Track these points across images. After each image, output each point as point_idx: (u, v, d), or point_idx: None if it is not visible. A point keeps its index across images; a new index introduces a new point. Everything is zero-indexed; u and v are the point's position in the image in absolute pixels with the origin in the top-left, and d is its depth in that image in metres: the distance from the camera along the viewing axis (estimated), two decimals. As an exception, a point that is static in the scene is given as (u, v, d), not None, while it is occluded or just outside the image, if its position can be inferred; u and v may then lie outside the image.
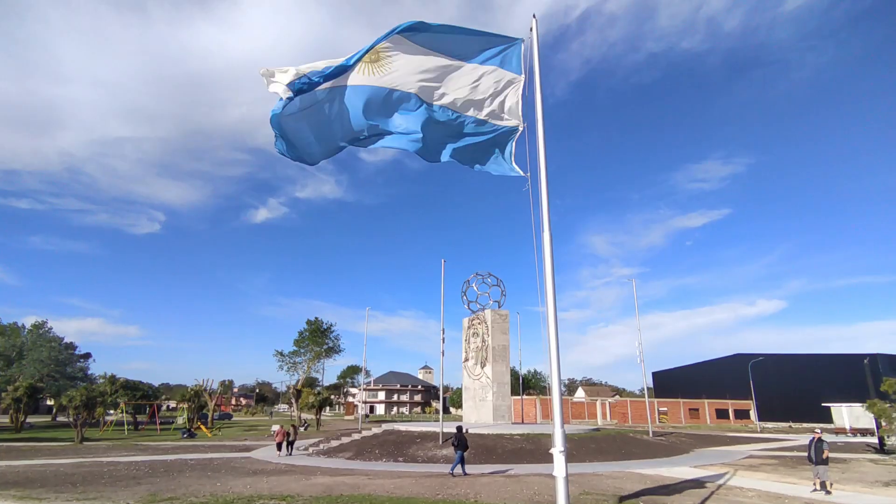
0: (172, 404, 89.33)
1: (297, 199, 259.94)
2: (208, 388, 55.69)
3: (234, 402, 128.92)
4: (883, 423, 27.72)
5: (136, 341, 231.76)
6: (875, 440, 29.13)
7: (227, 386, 74.83)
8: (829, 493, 13.84)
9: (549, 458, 6.42)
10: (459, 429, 18.00)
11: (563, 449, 6.30)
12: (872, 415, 29.90)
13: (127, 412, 51.89)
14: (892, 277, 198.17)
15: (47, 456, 24.55)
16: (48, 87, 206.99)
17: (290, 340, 72.64)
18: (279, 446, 25.87)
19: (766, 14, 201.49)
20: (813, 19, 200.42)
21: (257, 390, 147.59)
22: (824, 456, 14.20)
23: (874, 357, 67.17)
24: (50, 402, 75.72)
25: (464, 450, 17.35)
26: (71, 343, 67.51)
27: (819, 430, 15.19)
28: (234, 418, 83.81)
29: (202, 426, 48.48)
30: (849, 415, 53.11)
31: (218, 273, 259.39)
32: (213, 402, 55.87)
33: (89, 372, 68.45)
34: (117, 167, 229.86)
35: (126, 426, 48.79)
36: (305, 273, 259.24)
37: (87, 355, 71.01)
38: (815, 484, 14.34)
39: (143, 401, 55.78)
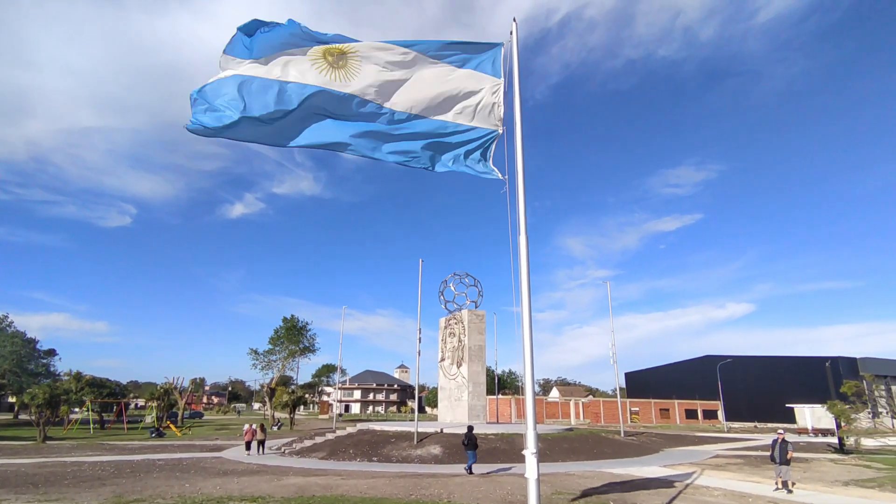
0: (141, 403, 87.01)
1: (274, 195, 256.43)
2: (179, 386, 54.49)
3: (205, 400, 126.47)
4: (842, 424, 28.76)
5: (103, 337, 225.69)
6: (835, 440, 30.20)
7: (198, 384, 73.33)
8: (790, 492, 14.32)
9: (523, 458, 6.50)
10: (470, 429, 18.42)
11: (535, 451, 6.37)
12: (833, 415, 31.00)
13: (93, 410, 50.40)
14: (853, 283, 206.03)
15: (8, 455, 23.70)
16: (15, 73, 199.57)
17: (265, 338, 71.56)
18: (248, 445, 25.52)
19: (740, 25, 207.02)
20: (784, 32, 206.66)
21: (230, 388, 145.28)
22: (788, 456, 14.68)
23: (835, 360, 69.58)
24: (12, 400, 73.08)
25: (474, 449, 17.77)
26: (33, 339, 65.23)
27: (782, 431, 15.71)
28: (205, 417, 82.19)
29: (171, 425, 47.39)
30: (811, 415, 54.93)
31: (191, 269, 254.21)
32: (184, 400, 54.67)
33: (53, 369, 66.33)
34: (87, 158, 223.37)
35: (92, 425, 47.32)
36: (281, 270, 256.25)
37: (52, 352, 68.72)
38: (777, 483, 14.81)
39: (110, 399, 54.25)
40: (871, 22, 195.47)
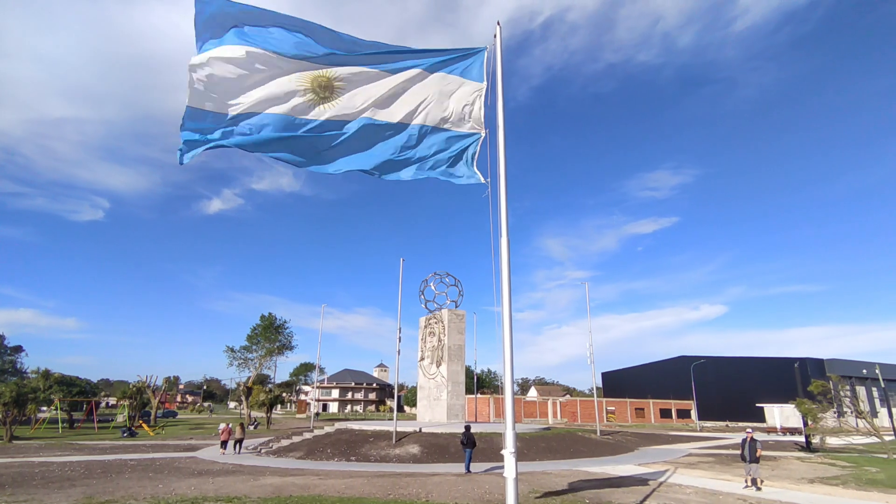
0: (112, 401, 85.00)
1: (253, 191, 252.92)
2: (152, 385, 53.36)
3: (179, 399, 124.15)
4: (809, 423, 29.66)
5: (73, 334, 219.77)
6: (803, 439, 31.13)
7: (172, 382, 72.01)
8: (759, 489, 14.75)
9: (501, 457, 6.60)
10: (468, 428, 18.82)
11: (513, 450, 6.46)
12: (801, 414, 31.93)
13: (62, 409, 49.00)
14: (820, 287, 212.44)
15: (-30, 456, 22.95)
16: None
17: (242, 336, 70.70)
18: (224, 444, 25.20)
19: (717, 33, 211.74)
20: (759, 41, 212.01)
21: (205, 387, 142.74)
22: (757, 454, 15.15)
23: (804, 361, 71.67)
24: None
25: (472, 447, 18.18)
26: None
27: (751, 430, 16.19)
28: (179, 416, 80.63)
29: (144, 424, 46.37)
30: (780, 414, 56.58)
31: (165, 265, 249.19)
32: (157, 399, 53.59)
33: (21, 366, 64.38)
34: (57, 149, 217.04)
35: (61, 424, 46.02)
36: (259, 267, 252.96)
37: (19, 348, 66.83)
38: (746, 481, 15.25)
39: (80, 397, 53.01)
40: (841, 34, 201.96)
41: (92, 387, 59.59)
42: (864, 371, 69.82)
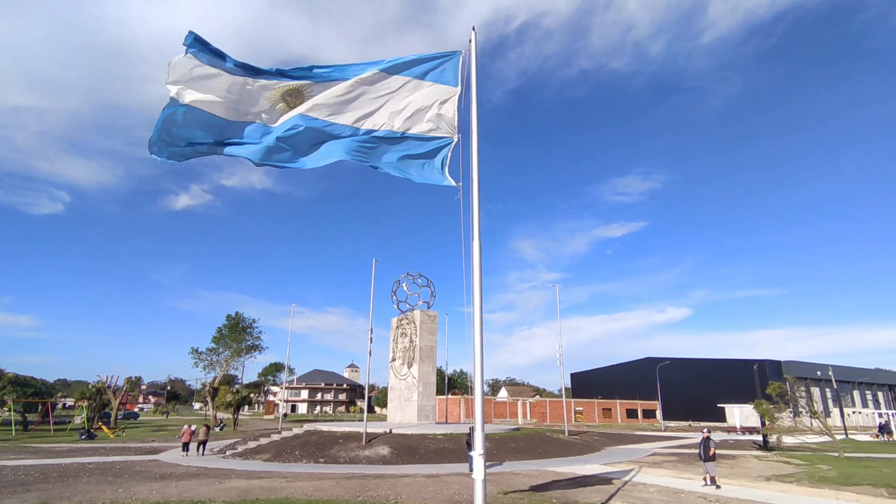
0: (70, 402, 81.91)
1: (222, 187, 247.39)
2: (112, 385, 51.59)
3: (141, 400, 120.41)
4: (767, 423, 30.79)
5: (29, 332, 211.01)
6: (760, 438, 32.29)
7: (133, 383, 69.71)
8: (718, 487, 15.26)
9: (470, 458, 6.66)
10: (472, 429, 18.77)
11: (482, 452, 6.54)
12: (759, 415, 33.15)
13: (16, 411, 46.93)
14: (779, 291, 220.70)
15: (-86, 461, 21.77)
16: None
17: (209, 335, 69.04)
18: (185, 447, 24.61)
19: (686, 44, 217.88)
20: (726, 53, 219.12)
21: (169, 388, 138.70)
22: (711, 453, 15.72)
23: (762, 363, 74.38)
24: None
25: None
26: (-52, 333, 60.12)
27: (707, 430, 16.80)
28: (141, 418, 78.19)
29: (103, 426, 44.78)
30: (739, 414, 58.59)
31: (129, 261, 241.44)
32: (118, 400, 51.83)
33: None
34: (15, 139, 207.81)
35: (14, 426, 44.01)
36: (228, 265, 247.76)
37: (-31, 347, 63.54)
38: (706, 479, 15.76)
39: (36, 398, 50.83)
40: (802, 49, 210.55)
41: (48, 387, 57.26)
42: (819, 373, 72.92)
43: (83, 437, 37.00)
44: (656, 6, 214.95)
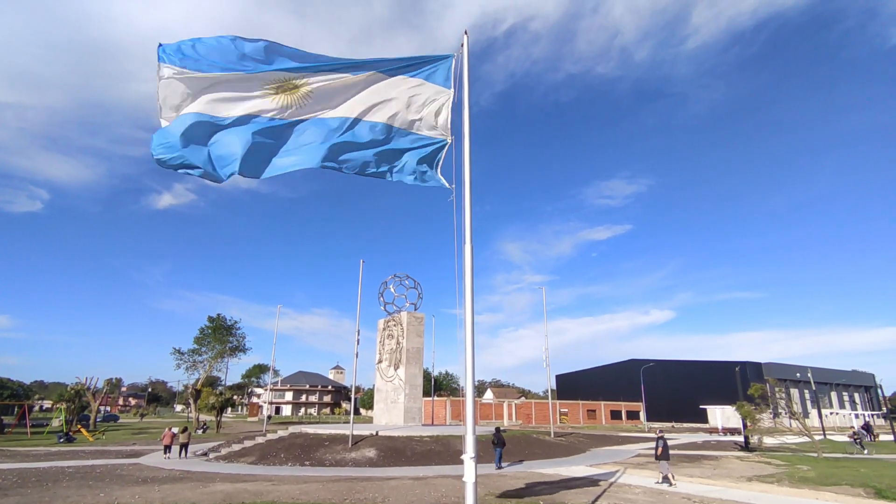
0: (48, 404, 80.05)
1: (206, 187, 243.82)
2: (92, 387, 50.60)
3: (122, 402, 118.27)
4: (748, 424, 31.31)
5: (5, 333, 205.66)
6: (742, 439, 32.82)
7: (114, 385, 68.32)
8: (672, 484, 15.63)
9: (457, 460, 6.67)
10: (498, 429, 20.56)
11: (473, 455, 6.53)
12: (740, 416, 33.68)
13: (-11, 413, 45.85)
14: (759, 294, 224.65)
15: None
16: None
17: (192, 337, 67.98)
18: (167, 449, 24.24)
19: (671, 50, 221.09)
20: (709, 60, 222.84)
21: (150, 389, 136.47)
22: (659, 452, 16.36)
23: (744, 365, 75.59)
24: None
25: (502, 446, 20.09)
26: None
27: (660, 431, 17.25)
28: (121, 420, 76.74)
29: (83, 429, 43.87)
30: (721, 416, 59.43)
31: (110, 261, 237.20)
32: (98, 402, 50.84)
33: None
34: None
35: (-13, 429, 43.04)
36: (212, 266, 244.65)
37: (-59, 348, 61.80)
38: (660, 477, 16.20)
39: (12, 400, 49.67)
40: (783, 57, 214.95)
41: (25, 389, 55.86)
42: (798, 374, 74.30)
43: (61, 440, 36.18)
44: (642, 12, 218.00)
